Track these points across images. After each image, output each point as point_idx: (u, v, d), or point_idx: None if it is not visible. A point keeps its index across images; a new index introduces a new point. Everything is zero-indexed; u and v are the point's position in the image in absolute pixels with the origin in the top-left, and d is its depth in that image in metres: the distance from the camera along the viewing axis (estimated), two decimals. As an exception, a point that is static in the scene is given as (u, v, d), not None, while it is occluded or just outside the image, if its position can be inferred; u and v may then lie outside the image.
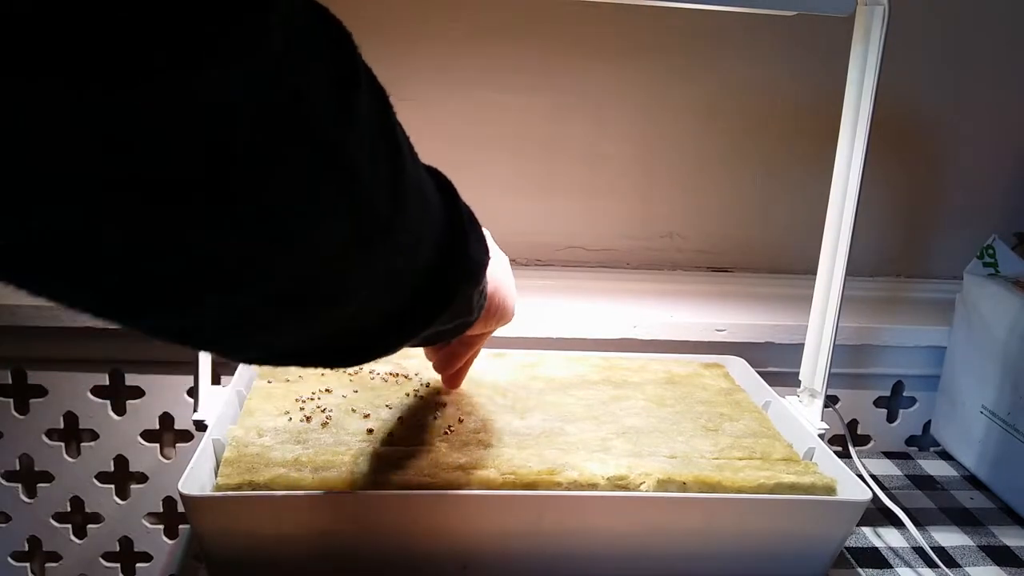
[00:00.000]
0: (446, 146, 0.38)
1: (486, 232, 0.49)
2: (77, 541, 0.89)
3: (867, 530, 0.70)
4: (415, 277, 0.39)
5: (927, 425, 0.92)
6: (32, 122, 0.21)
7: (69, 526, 0.89)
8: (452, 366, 0.62)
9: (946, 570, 0.65)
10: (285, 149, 0.26)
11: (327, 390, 0.68)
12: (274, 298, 0.30)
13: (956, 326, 0.84)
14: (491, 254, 0.49)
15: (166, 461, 0.88)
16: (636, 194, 0.94)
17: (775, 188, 0.94)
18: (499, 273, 0.54)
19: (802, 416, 0.70)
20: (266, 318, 0.31)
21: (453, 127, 0.89)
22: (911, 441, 0.94)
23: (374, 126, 0.32)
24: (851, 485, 0.60)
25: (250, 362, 0.37)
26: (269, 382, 0.68)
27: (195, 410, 0.64)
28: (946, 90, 0.93)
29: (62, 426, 0.85)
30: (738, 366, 0.79)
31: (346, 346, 0.38)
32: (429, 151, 0.39)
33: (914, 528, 0.68)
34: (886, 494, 0.73)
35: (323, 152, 0.28)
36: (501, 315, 0.56)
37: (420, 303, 0.40)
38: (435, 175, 0.42)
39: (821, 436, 0.67)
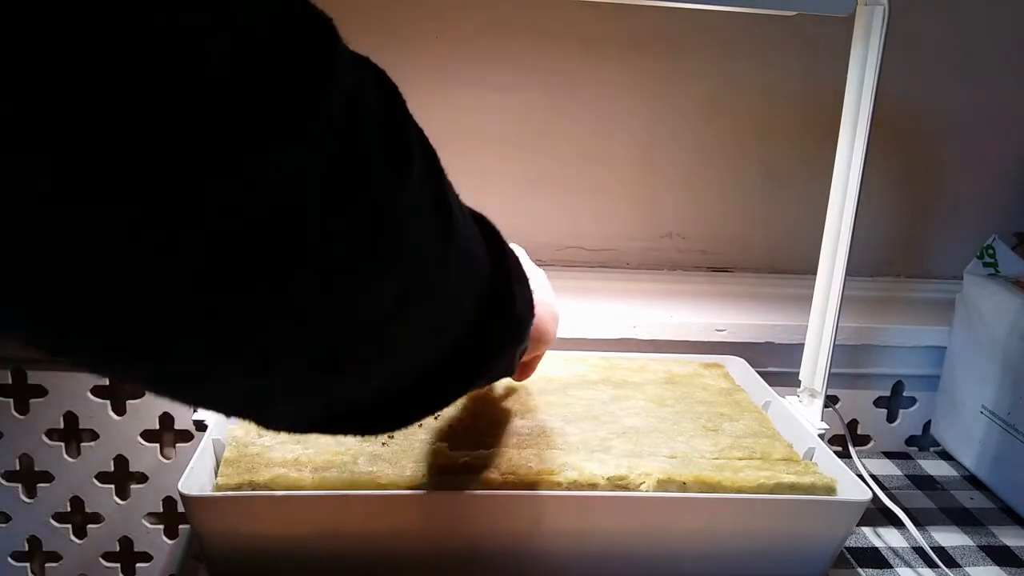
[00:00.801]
0: (446, 146, 0.38)
1: (520, 251, 0.46)
2: (77, 541, 0.89)
3: (867, 530, 0.70)
4: (457, 339, 0.37)
5: (927, 425, 0.92)
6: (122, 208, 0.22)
7: (69, 526, 0.89)
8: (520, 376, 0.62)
9: (946, 570, 0.65)
10: (339, 219, 0.26)
11: (327, 390, 0.68)
12: (315, 361, 0.29)
13: (956, 326, 0.84)
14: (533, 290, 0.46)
15: (166, 461, 0.88)
16: (636, 194, 0.94)
17: (775, 188, 0.94)
18: (538, 299, 0.50)
19: (802, 416, 0.70)
20: (301, 382, 0.30)
21: (452, 127, 0.89)
22: (911, 441, 0.94)
23: (425, 189, 0.32)
24: (851, 485, 0.60)
25: (278, 430, 0.35)
26: (269, 382, 0.68)
27: (195, 410, 0.64)
28: (946, 90, 0.93)
29: (62, 426, 0.85)
30: (738, 366, 0.79)
31: (381, 411, 0.37)
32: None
33: (914, 528, 0.68)
34: (886, 494, 0.73)
35: (374, 218, 0.28)
36: (544, 343, 0.55)
37: (462, 363, 0.39)
38: (480, 222, 0.41)
39: (821, 436, 0.67)
